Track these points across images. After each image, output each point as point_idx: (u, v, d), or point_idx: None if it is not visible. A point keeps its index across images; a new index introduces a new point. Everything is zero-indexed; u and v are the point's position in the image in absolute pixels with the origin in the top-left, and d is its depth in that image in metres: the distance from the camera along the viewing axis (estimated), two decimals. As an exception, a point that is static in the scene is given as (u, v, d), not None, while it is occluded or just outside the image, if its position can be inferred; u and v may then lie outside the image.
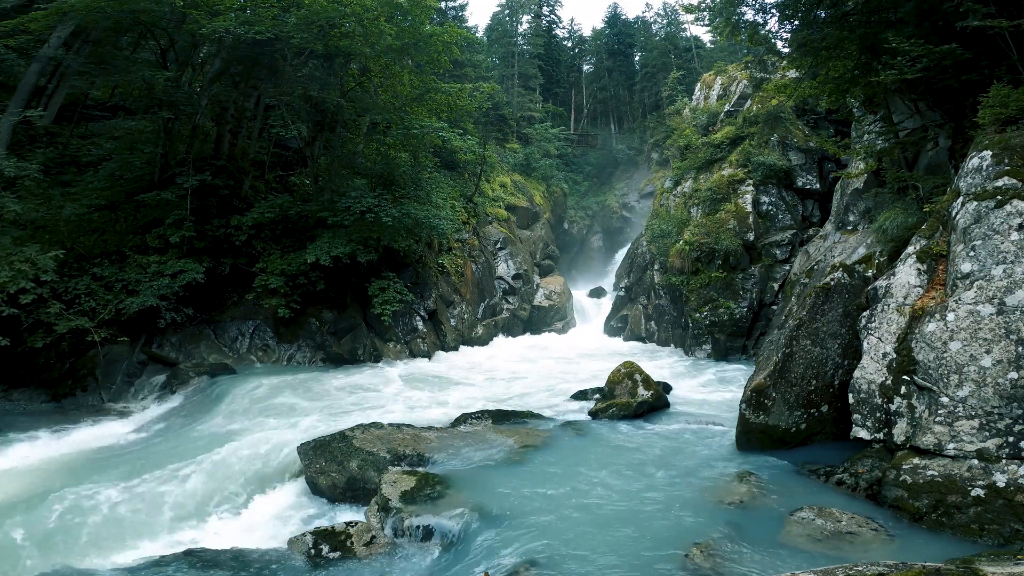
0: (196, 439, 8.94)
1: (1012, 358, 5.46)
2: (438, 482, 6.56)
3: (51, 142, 14.32)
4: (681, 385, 12.37)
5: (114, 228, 13.15)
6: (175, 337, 13.31)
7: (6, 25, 11.59)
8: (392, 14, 15.23)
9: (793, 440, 7.35)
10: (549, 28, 49.09)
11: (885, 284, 6.95)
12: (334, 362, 14.47)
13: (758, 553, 4.95)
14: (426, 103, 17.57)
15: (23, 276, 10.16)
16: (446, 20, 31.71)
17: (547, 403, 11.05)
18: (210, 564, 5.32)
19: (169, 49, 14.50)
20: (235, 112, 16.16)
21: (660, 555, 4.92)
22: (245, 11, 13.71)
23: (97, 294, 11.88)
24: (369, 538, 5.70)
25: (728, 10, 11.36)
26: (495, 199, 26.02)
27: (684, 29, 45.16)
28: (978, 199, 6.14)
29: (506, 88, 37.63)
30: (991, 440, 5.43)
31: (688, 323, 17.14)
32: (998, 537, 4.98)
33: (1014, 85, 7.09)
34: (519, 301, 23.57)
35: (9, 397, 11.22)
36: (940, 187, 8.92)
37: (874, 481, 6.04)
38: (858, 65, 9.64)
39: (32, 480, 7.53)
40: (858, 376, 6.65)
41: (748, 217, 17.24)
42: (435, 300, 17.95)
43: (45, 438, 9.32)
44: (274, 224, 14.88)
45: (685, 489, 6.38)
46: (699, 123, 23.13)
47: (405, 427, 8.44)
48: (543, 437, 8.32)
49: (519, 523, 5.62)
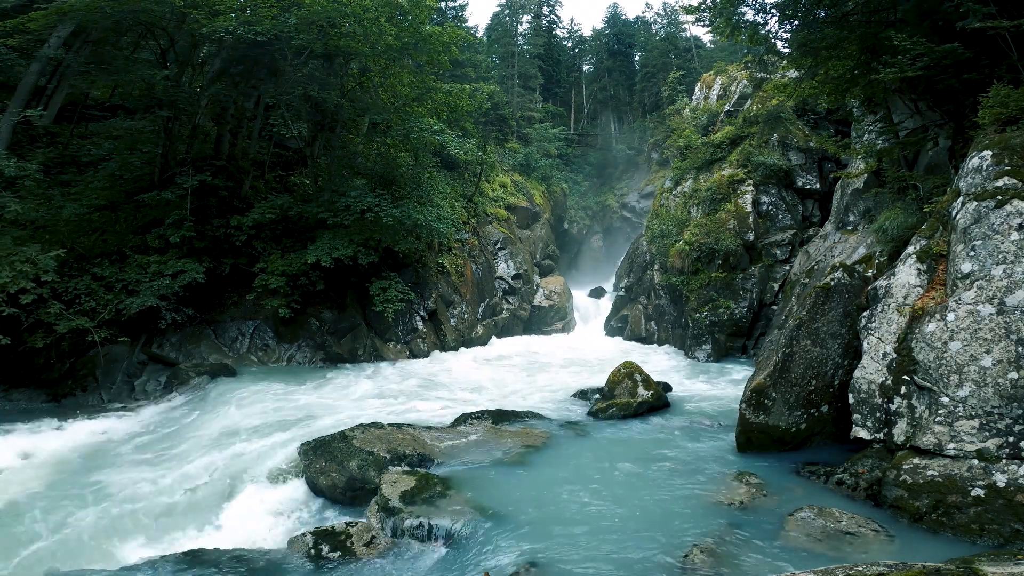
0: (196, 439, 8.93)
1: (1012, 358, 5.47)
2: (438, 482, 6.56)
3: (51, 142, 14.31)
4: (681, 385, 12.37)
5: (114, 228, 13.15)
6: (175, 337, 13.31)
7: (6, 25, 11.58)
8: (392, 14, 15.23)
9: (793, 440, 7.36)
10: (549, 28, 49.10)
11: (885, 284, 6.95)
12: (334, 362, 14.47)
13: (758, 553, 4.95)
14: (426, 103, 17.56)
15: (23, 276, 10.16)
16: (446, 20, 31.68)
17: (547, 403, 11.05)
18: (210, 564, 5.32)
19: (169, 49, 14.50)
20: (235, 112, 16.16)
21: (660, 555, 4.92)
22: (245, 11, 13.70)
23: (97, 294, 11.88)
24: (369, 538, 5.71)
25: (728, 10, 11.35)
26: (495, 199, 26.01)
27: (684, 29, 45.15)
28: (978, 199, 6.14)
29: (506, 88, 37.61)
30: (991, 440, 5.43)
31: (688, 323, 17.14)
32: (998, 537, 4.98)
33: (1014, 85, 7.09)
34: (519, 301, 23.57)
35: (9, 397, 11.24)
36: (940, 187, 8.92)
37: (874, 481, 6.04)
38: (858, 65, 9.64)
39: (32, 480, 7.53)
40: (858, 376, 6.65)
41: (748, 217, 17.24)
42: (435, 300, 17.95)
43: (45, 438, 9.31)
44: (274, 224, 14.88)
45: (685, 489, 6.38)
46: (699, 123, 23.14)
47: (405, 427, 8.44)
48: (543, 437, 8.32)
49: (519, 523, 5.63)
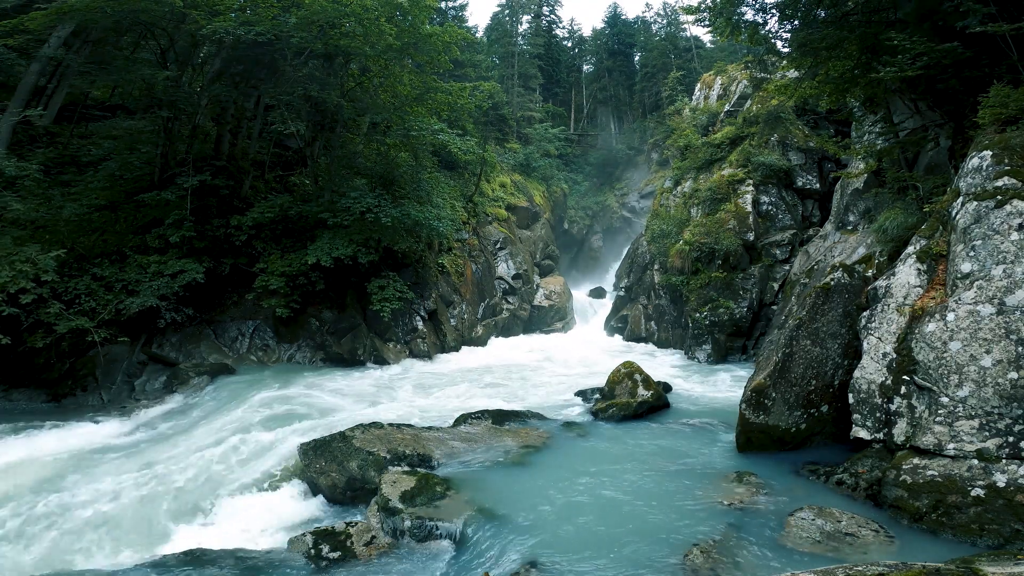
0: (196, 439, 8.94)
1: (1012, 358, 5.46)
2: (438, 482, 6.56)
3: (51, 142, 14.31)
4: (681, 385, 12.37)
5: (114, 228, 13.15)
6: (175, 337, 13.31)
7: (6, 25, 11.58)
8: (392, 14, 15.23)
9: (793, 440, 7.35)
10: (549, 28, 49.09)
11: (885, 284, 6.95)
12: (334, 362, 14.47)
13: (758, 553, 4.95)
14: (426, 103, 17.57)
15: (24, 276, 10.15)
16: (446, 20, 31.70)
17: (547, 403, 11.04)
18: (210, 564, 5.32)
19: (169, 49, 14.50)
20: (235, 112, 16.16)
21: (660, 555, 4.92)
22: (245, 11, 13.72)
23: (97, 294, 11.88)
24: (369, 538, 5.71)
25: (728, 10, 11.35)
26: (495, 199, 26.01)
27: (684, 29, 45.16)
28: (978, 199, 6.14)
29: (506, 88, 37.60)
30: (991, 440, 5.43)
31: (688, 323, 17.13)
32: (998, 537, 4.98)
33: (1014, 85, 7.09)
34: (519, 301, 23.56)
35: (9, 397, 11.24)
36: (940, 187, 8.92)
37: (874, 481, 6.03)
38: (858, 65, 9.64)
39: (32, 480, 7.53)
40: (858, 376, 6.65)
41: (748, 217, 17.24)
42: (435, 300, 17.95)
43: (45, 437, 9.31)
44: (274, 224, 14.88)
45: (685, 489, 6.38)
46: (699, 123, 23.13)
47: (405, 427, 8.44)
48: (543, 437, 8.32)
49: (519, 523, 5.63)
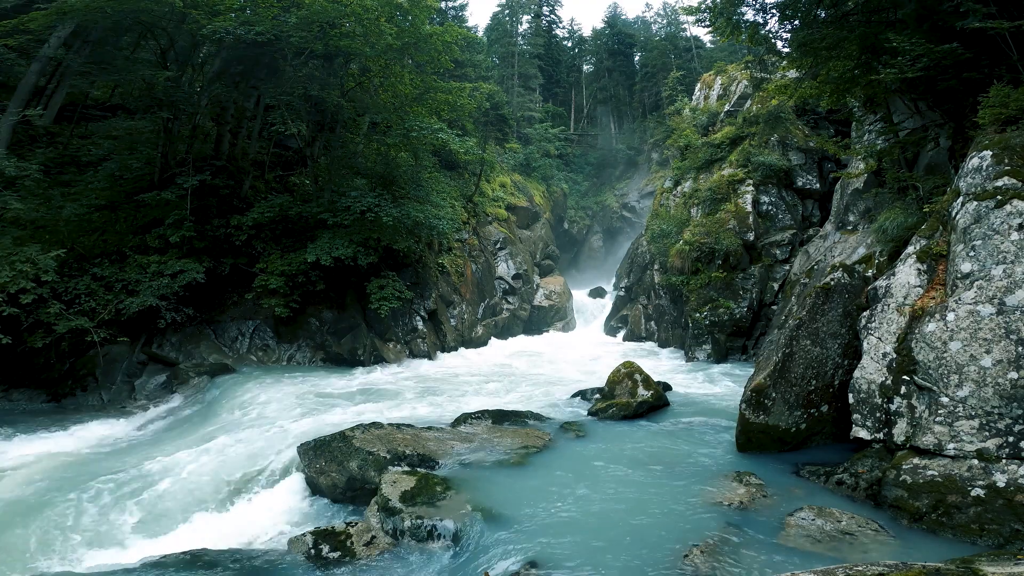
0: (195, 439, 8.94)
1: (1012, 358, 5.46)
2: (438, 482, 6.56)
3: (51, 142, 14.32)
4: (681, 385, 12.36)
5: (114, 228, 13.15)
6: (175, 337, 13.31)
7: (6, 25, 11.59)
8: (392, 14, 15.24)
9: (793, 440, 7.35)
10: (549, 28, 49.11)
11: (885, 284, 6.95)
12: (334, 362, 14.47)
13: (758, 553, 4.95)
14: (426, 103, 17.58)
15: (24, 276, 10.16)
16: (446, 20, 31.69)
17: (547, 403, 11.04)
18: (210, 564, 5.32)
19: (169, 49, 14.50)
20: (235, 112, 16.17)
21: (659, 555, 4.92)
22: (245, 11, 13.72)
23: (97, 294, 11.89)
24: (369, 538, 5.70)
25: (728, 10, 11.35)
26: (495, 199, 26.03)
27: (684, 29, 45.16)
28: (978, 199, 6.14)
29: (506, 88, 37.62)
30: (991, 440, 5.43)
31: (688, 323, 17.13)
32: (998, 537, 4.98)
33: (1014, 85, 7.09)
34: (519, 301, 23.57)
35: (9, 397, 11.25)
36: (940, 187, 8.91)
37: (874, 481, 6.03)
38: (858, 65, 9.63)
39: (32, 479, 7.53)
40: (858, 376, 6.65)
41: (748, 217, 17.24)
42: (435, 300, 17.95)
43: (45, 437, 9.33)
44: (274, 224, 14.89)
45: (685, 489, 6.38)
46: (699, 123, 23.12)
47: (405, 427, 8.43)
48: (543, 437, 8.32)
49: (519, 523, 5.62)
